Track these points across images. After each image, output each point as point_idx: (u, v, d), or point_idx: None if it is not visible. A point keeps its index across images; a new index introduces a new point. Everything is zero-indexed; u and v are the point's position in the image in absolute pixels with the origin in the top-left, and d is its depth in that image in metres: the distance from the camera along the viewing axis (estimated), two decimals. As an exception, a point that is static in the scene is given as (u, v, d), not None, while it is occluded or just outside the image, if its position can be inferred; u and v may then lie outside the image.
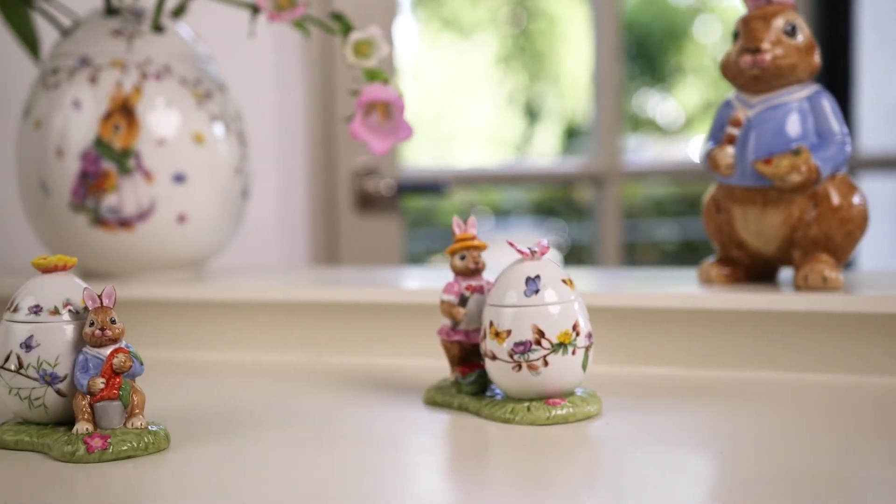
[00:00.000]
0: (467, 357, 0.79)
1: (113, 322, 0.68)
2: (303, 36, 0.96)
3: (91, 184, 0.98)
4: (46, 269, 0.71)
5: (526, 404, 0.73)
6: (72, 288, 0.70)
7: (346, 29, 0.95)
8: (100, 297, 0.68)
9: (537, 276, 0.73)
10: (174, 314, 1.02)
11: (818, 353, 0.86)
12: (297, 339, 1.00)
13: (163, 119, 0.99)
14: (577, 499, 0.59)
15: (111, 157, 0.98)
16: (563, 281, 0.73)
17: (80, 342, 0.69)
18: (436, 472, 0.66)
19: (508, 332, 0.73)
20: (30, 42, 1.04)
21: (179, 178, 1.00)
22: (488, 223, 4.07)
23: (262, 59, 1.64)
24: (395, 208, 1.83)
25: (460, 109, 4.68)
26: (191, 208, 1.01)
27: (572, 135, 4.83)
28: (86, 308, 0.70)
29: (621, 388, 0.83)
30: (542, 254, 0.74)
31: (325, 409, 0.81)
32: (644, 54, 4.78)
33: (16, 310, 0.70)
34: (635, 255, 4.00)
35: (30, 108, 1.02)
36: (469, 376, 0.78)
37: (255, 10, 0.97)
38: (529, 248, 0.74)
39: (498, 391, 0.77)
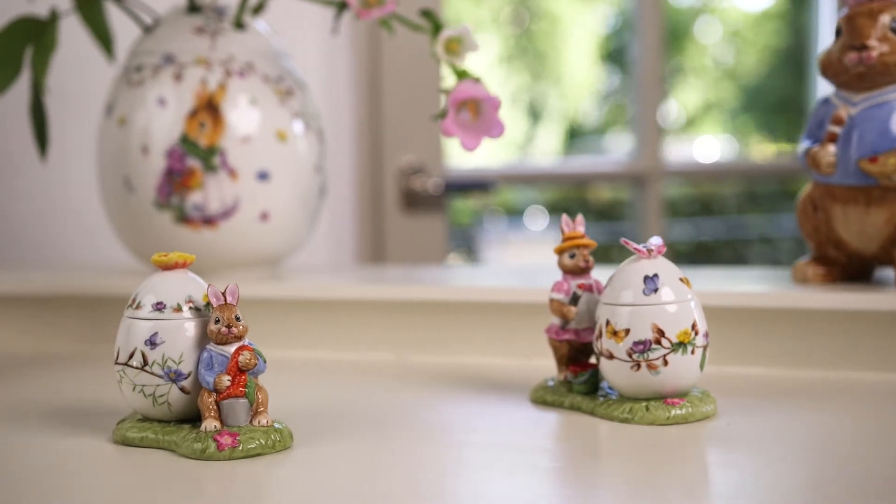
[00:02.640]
0: (576, 356, 0.78)
1: (238, 319, 0.68)
2: (387, 33, 0.95)
3: (177, 181, 0.97)
4: (167, 266, 0.70)
5: (644, 404, 0.73)
6: (191, 285, 0.70)
7: (437, 27, 0.94)
8: (223, 294, 0.68)
9: (655, 275, 0.73)
10: (257, 312, 1.01)
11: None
12: (380, 337, 0.99)
13: (246, 116, 0.99)
14: (716, 499, 0.59)
15: (197, 154, 0.97)
16: (680, 280, 0.73)
17: (202, 339, 0.68)
18: (554, 471, 0.65)
19: (627, 331, 0.72)
20: (104, 39, 1.04)
21: (263, 176, 0.99)
22: (501, 223, 4.07)
23: (309, 58, 1.64)
24: (440, 207, 1.83)
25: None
26: (273, 206, 1.00)
27: (574, 135, 4.83)
28: (207, 305, 0.69)
29: (729, 388, 0.82)
30: (659, 252, 0.74)
31: (428, 408, 0.80)
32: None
33: (138, 307, 0.69)
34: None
35: (112, 106, 1.01)
36: (581, 375, 0.77)
37: (343, 6, 0.96)
38: (646, 247, 0.74)
39: (610, 390, 0.77)
